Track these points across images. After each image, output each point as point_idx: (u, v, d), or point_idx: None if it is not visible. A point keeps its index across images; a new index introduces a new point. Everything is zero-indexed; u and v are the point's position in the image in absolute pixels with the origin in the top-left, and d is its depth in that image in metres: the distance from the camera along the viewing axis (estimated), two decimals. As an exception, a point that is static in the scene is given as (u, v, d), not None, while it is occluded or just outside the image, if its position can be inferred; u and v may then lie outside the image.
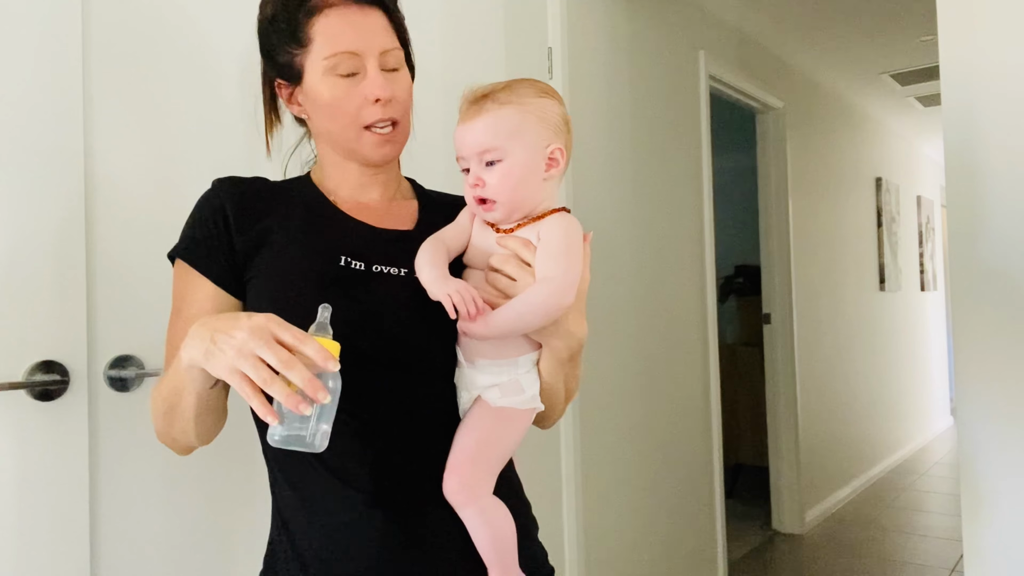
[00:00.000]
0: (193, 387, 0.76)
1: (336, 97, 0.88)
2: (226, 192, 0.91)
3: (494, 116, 0.85)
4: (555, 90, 0.91)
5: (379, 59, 0.88)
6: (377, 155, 0.91)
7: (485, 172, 0.85)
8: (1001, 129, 1.55)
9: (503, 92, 0.86)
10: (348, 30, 0.87)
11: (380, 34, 0.89)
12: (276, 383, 0.65)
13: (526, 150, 0.85)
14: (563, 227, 0.86)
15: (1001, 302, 1.54)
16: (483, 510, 0.84)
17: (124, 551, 1.22)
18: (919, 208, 5.95)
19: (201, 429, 0.85)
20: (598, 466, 2.29)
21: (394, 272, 0.89)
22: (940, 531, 3.84)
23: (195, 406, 0.79)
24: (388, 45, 0.90)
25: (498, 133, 0.84)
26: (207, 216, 0.90)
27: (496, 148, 0.84)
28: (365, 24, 0.88)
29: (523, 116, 0.85)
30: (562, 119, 0.89)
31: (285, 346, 0.67)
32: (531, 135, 0.85)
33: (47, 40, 1.17)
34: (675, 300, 2.81)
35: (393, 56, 0.90)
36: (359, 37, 0.88)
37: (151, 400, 0.87)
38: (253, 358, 0.66)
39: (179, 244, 0.91)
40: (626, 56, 2.58)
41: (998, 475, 1.53)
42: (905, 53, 3.91)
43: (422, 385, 0.87)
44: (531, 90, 0.87)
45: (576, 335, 0.88)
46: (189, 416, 0.81)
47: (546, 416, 0.95)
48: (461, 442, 0.86)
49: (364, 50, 0.88)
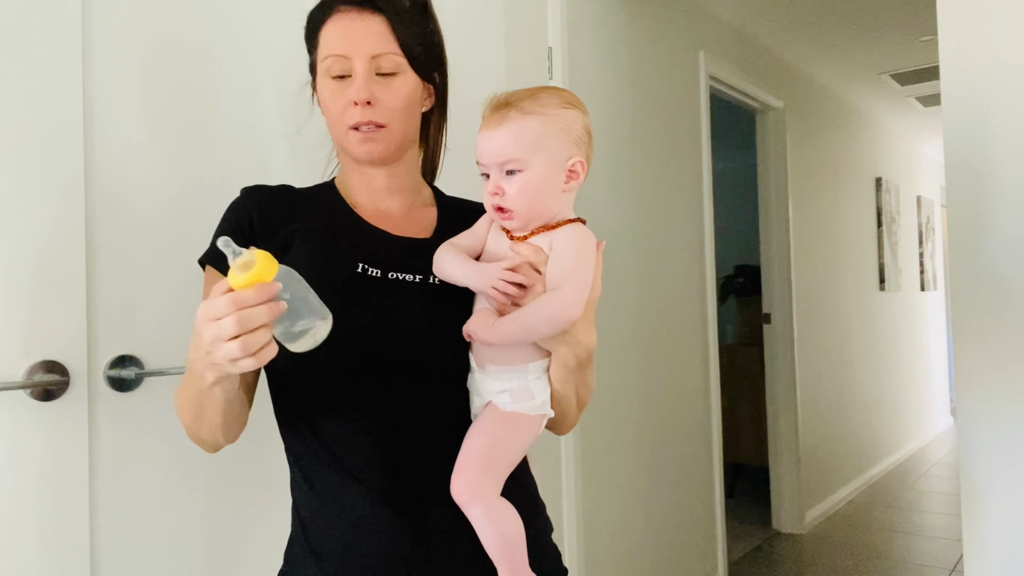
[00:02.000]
0: (220, 398, 0.79)
1: (327, 98, 0.92)
2: (252, 199, 0.95)
3: (517, 126, 0.84)
4: (580, 100, 0.90)
5: (369, 63, 0.90)
6: (360, 152, 0.92)
7: (505, 181, 0.85)
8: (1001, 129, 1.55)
9: (527, 101, 0.85)
10: (343, 34, 0.91)
11: (374, 39, 0.90)
12: (247, 340, 0.67)
13: (547, 162, 0.85)
14: (576, 238, 0.85)
15: (1001, 302, 1.54)
16: (489, 511, 0.84)
17: (124, 551, 1.22)
18: (919, 208, 5.95)
19: (228, 430, 0.87)
20: (598, 466, 2.29)
21: (410, 279, 0.91)
22: (940, 531, 3.84)
23: (223, 413, 0.82)
24: (380, 50, 0.90)
25: (520, 144, 0.84)
26: (233, 223, 0.93)
27: (517, 159, 0.84)
28: (359, 29, 0.90)
29: (546, 127, 0.85)
30: (585, 131, 0.88)
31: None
32: (553, 147, 0.85)
33: (47, 39, 1.17)
34: (675, 300, 2.81)
35: (388, 61, 0.91)
36: (351, 41, 0.90)
37: (175, 399, 0.89)
38: (223, 345, 0.68)
39: (207, 250, 0.94)
40: (626, 56, 2.58)
41: (998, 475, 1.53)
42: (905, 53, 3.91)
43: (434, 389, 0.89)
44: (556, 100, 0.87)
45: (584, 343, 0.88)
46: (217, 423, 0.84)
47: (558, 423, 0.96)
48: (470, 444, 0.87)
49: (353, 54, 0.90)
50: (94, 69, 1.22)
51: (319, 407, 0.88)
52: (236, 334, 0.67)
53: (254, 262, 0.68)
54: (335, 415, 0.88)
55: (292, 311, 0.71)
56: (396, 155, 0.96)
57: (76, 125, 1.19)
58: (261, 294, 0.67)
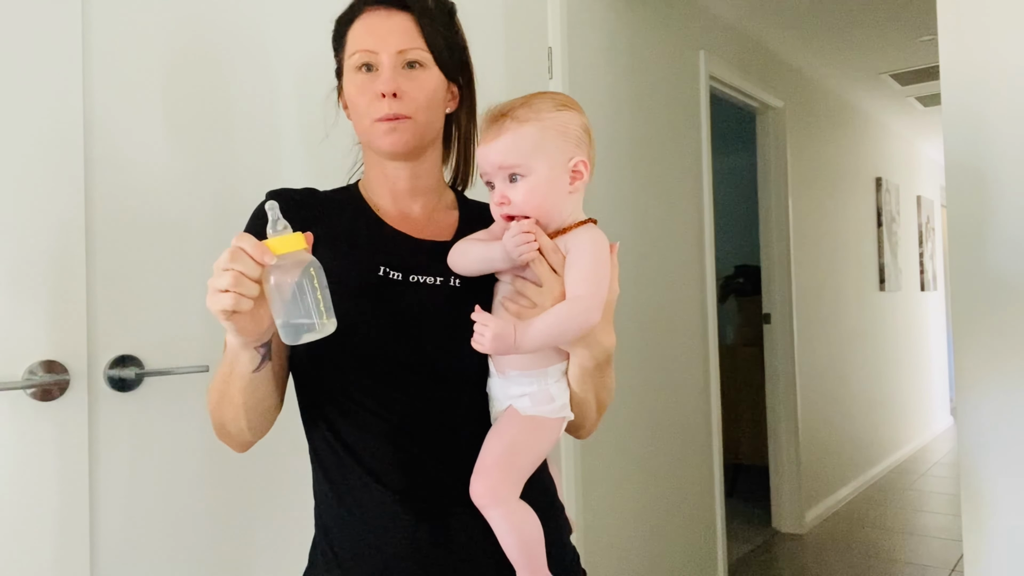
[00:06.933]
0: (238, 371, 0.81)
1: (355, 92, 0.94)
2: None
3: (514, 135, 0.85)
4: (574, 101, 0.91)
5: (395, 57, 0.91)
6: (385, 143, 0.93)
7: (510, 189, 0.86)
8: (1001, 129, 1.55)
9: (521, 109, 0.86)
10: (371, 31, 0.93)
11: (400, 34, 0.92)
12: (237, 291, 0.71)
13: (549, 166, 0.85)
14: (591, 242, 0.86)
15: (1001, 302, 1.54)
16: (508, 513, 0.85)
17: (124, 551, 1.22)
18: (919, 208, 5.95)
19: (253, 418, 0.87)
20: (598, 466, 2.29)
21: (430, 281, 0.92)
22: (940, 531, 3.84)
23: (243, 391, 0.83)
24: (406, 45, 0.92)
25: (520, 151, 0.85)
26: (258, 226, 0.94)
27: (519, 165, 0.85)
28: (387, 25, 0.93)
29: (543, 132, 0.85)
30: (583, 130, 0.89)
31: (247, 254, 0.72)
32: (552, 150, 0.86)
33: (48, 39, 1.17)
34: (675, 300, 2.81)
35: (413, 55, 0.92)
36: (378, 36, 0.92)
37: (207, 396, 0.90)
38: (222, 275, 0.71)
39: None
40: (626, 56, 2.58)
41: (998, 475, 1.53)
42: (905, 53, 3.91)
43: (454, 392, 0.90)
44: (550, 104, 0.88)
45: (603, 344, 0.89)
46: (239, 403, 0.84)
47: (579, 426, 0.97)
48: (490, 447, 0.87)
49: (380, 48, 0.92)
50: (95, 69, 1.22)
51: (340, 408, 0.89)
52: (227, 288, 0.70)
53: (289, 231, 0.74)
54: (355, 417, 0.89)
55: (298, 302, 0.73)
56: (419, 150, 0.96)
57: (76, 125, 1.19)
58: (258, 251, 0.71)
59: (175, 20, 1.32)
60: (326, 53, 1.01)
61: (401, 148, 0.94)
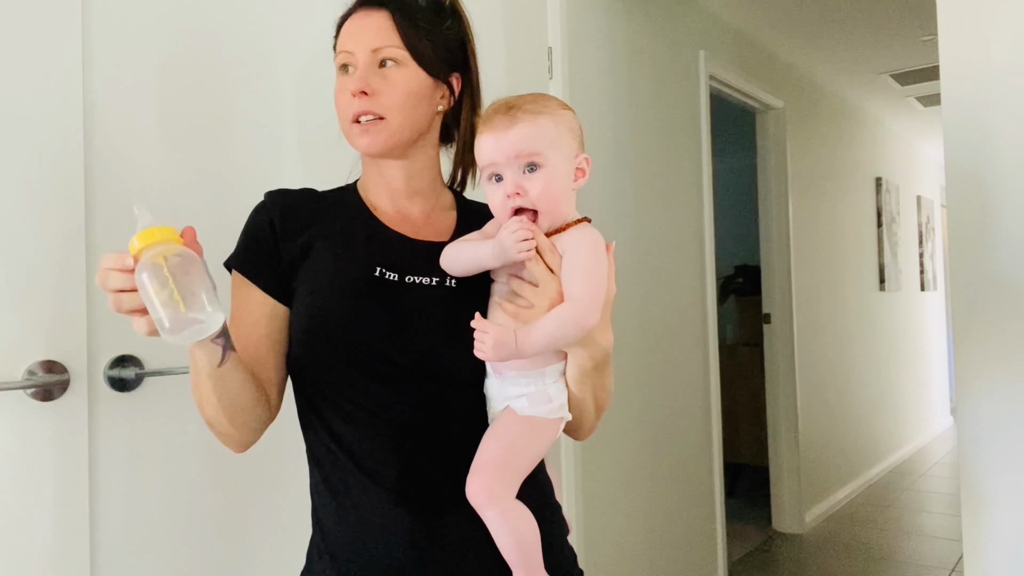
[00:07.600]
0: (201, 368, 0.80)
1: (336, 92, 0.95)
2: (274, 203, 0.96)
3: (532, 124, 0.84)
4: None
5: (369, 56, 0.91)
6: (360, 144, 0.93)
7: (526, 180, 0.84)
8: (1001, 129, 1.55)
9: (532, 104, 0.86)
10: (350, 31, 0.94)
11: (375, 32, 0.92)
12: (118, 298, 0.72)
13: (564, 159, 0.85)
14: (587, 242, 0.85)
15: (1001, 302, 1.54)
16: (505, 512, 0.84)
17: (124, 551, 1.22)
18: (919, 208, 5.95)
19: (234, 414, 0.86)
20: (598, 466, 2.29)
21: (427, 282, 0.91)
22: (940, 531, 3.84)
23: (214, 389, 0.82)
24: (380, 43, 0.91)
25: (540, 140, 0.84)
26: (257, 227, 0.95)
27: (539, 153, 0.83)
28: (364, 24, 0.93)
29: (558, 126, 0.85)
30: (581, 131, 0.90)
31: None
32: (565, 145, 0.86)
33: (48, 38, 1.17)
34: (675, 300, 2.81)
35: (387, 53, 0.92)
36: (355, 37, 0.93)
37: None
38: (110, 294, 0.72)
39: (233, 254, 0.95)
40: (626, 56, 2.58)
41: (998, 475, 1.53)
42: (905, 53, 3.91)
43: (451, 393, 0.90)
44: (555, 103, 0.88)
45: (601, 344, 0.89)
46: (214, 401, 0.84)
47: (577, 427, 0.96)
48: (487, 447, 0.87)
49: (355, 48, 0.92)
50: (95, 69, 1.22)
51: (336, 409, 0.89)
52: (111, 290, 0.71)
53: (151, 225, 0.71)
54: (351, 417, 0.88)
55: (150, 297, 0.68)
56: (401, 150, 0.95)
57: (77, 126, 1.19)
58: (116, 261, 0.71)
59: (175, 20, 1.32)
60: (326, 53, 1.01)
61: (376, 149, 0.93)
